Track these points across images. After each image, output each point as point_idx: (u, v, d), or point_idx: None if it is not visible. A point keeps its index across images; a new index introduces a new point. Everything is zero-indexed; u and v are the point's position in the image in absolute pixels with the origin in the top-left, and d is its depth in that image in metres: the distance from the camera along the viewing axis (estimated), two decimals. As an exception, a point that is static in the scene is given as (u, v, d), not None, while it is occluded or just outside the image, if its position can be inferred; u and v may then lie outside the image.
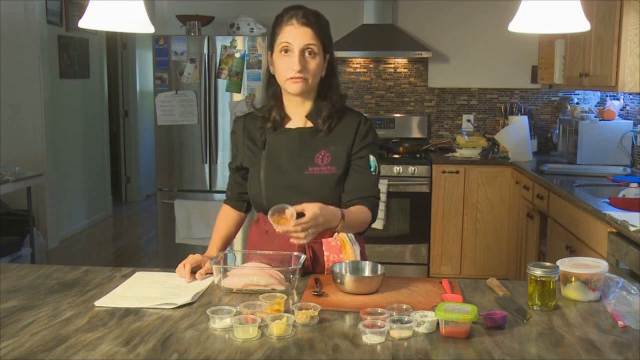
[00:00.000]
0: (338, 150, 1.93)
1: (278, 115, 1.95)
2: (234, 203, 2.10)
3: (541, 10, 1.62)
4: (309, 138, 1.94)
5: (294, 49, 1.85)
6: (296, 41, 1.84)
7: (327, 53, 1.92)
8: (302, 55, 1.85)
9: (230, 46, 4.54)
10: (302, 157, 1.92)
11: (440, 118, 5.26)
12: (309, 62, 1.86)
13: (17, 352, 1.34)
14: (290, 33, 1.85)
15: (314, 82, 1.90)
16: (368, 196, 1.93)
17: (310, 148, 1.93)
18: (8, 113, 5.48)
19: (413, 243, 4.65)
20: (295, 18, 1.86)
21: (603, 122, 4.11)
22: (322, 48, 1.88)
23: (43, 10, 5.52)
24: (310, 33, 1.85)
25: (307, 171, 1.91)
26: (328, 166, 1.92)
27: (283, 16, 1.89)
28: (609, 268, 1.71)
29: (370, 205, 1.93)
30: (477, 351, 1.35)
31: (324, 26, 1.90)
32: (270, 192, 1.93)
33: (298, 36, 1.85)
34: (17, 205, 5.11)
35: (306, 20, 1.85)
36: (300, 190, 1.89)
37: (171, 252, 4.69)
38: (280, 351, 1.35)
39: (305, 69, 1.85)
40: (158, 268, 1.99)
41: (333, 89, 1.95)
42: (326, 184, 1.91)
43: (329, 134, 1.93)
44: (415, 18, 5.15)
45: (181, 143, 4.69)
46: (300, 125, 1.96)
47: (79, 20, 1.77)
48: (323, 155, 1.92)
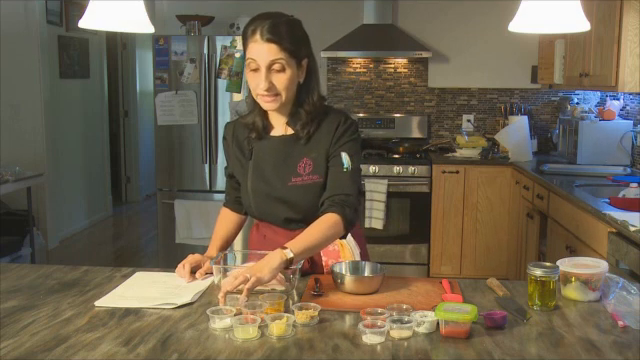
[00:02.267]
0: (319, 156, 1.88)
1: (261, 123, 1.92)
2: (232, 206, 2.09)
3: (541, 10, 1.62)
4: (291, 146, 1.89)
5: (260, 67, 1.77)
6: (261, 58, 1.76)
7: (303, 60, 1.83)
8: (269, 71, 1.77)
9: (230, 46, 4.54)
10: (285, 167, 1.89)
11: (440, 118, 5.26)
12: (277, 78, 1.78)
13: (17, 352, 1.34)
14: (254, 50, 1.77)
15: (288, 95, 1.83)
16: (336, 194, 1.83)
17: (292, 156, 1.89)
18: (8, 113, 5.48)
19: (413, 243, 4.65)
20: (259, 33, 1.76)
21: (603, 122, 4.11)
22: (293, 59, 1.79)
23: (43, 10, 5.52)
24: (275, 49, 1.76)
25: (290, 182, 1.88)
26: (310, 175, 1.87)
27: (247, 31, 1.80)
28: (609, 268, 1.71)
29: (338, 207, 1.80)
30: (477, 351, 1.35)
31: (292, 35, 1.79)
32: (258, 202, 1.93)
33: (262, 53, 1.76)
34: (17, 205, 5.10)
35: (270, 35, 1.75)
36: (285, 201, 1.89)
37: (171, 252, 4.69)
38: (280, 351, 1.35)
39: (273, 87, 1.78)
40: (158, 268, 1.99)
41: (311, 93, 1.87)
42: (310, 194, 1.87)
43: (309, 141, 1.88)
44: (415, 18, 5.15)
45: (181, 143, 4.69)
46: (282, 133, 1.92)
47: (79, 20, 1.77)
48: (305, 164, 1.88)
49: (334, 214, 1.80)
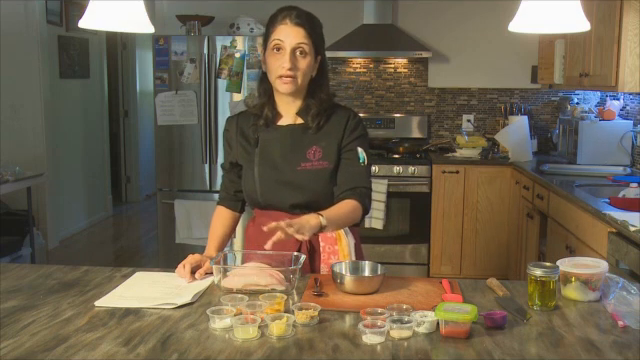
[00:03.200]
0: (329, 145, 1.97)
1: (270, 112, 1.99)
2: (229, 203, 2.11)
3: (541, 10, 1.62)
4: (300, 134, 1.98)
5: (286, 47, 1.89)
6: (288, 40, 1.88)
7: (318, 55, 1.96)
8: (293, 54, 1.89)
9: (230, 46, 4.54)
10: (294, 153, 1.96)
11: (440, 118, 5.26)
12: (299, 61, 1.90)
13: (17, 352, 1.34)
14: (283, 32, 1.89)
15: (304, 81, 1.93)
16: (356, 187, 1.95)
17: (301, 144, 1.97)
18: (8, 113, 5.48)
19: (413, 243, 4.65)
20: (289, 18, 1.90)
21: (603, 122, 4.11)
22: (313, 49, 1.92)
23: (43, 10, 5.52)
24: (302, 33, 1.89)
25: (299, 167, 1.95)
26: (320, 161, 1.95)
27: (277, 16, 1.93)
28: (609, 268, 1.71)
29: (359, 196, 1.93)
30: (477, 351, 1.35)
31: (317, 27, 1.95)
32: (264, 188, 1.97)
33: (290, 35, 1.89)
34: (17, 205, 5.10)
35: (299, 20, 1.90)
36: (293, 186, 1.94)
37: (171, 252, 4.69)
38: (280, 351, 1.35)
39: (295, 67, 1.89)
40: (158, 268, 1.99)
41: (322, 89, 1.99)
42: (319, 179, 1.95)
43: (319, 131, 1.97)
44: (415, 18, 5.15)
45: (181, 143, 4.69)
46: (291, 122, 2.00)
47: (79, 20, 1.77)
48: (314, 150, 1.96)
49: (355, 201, 1.92)
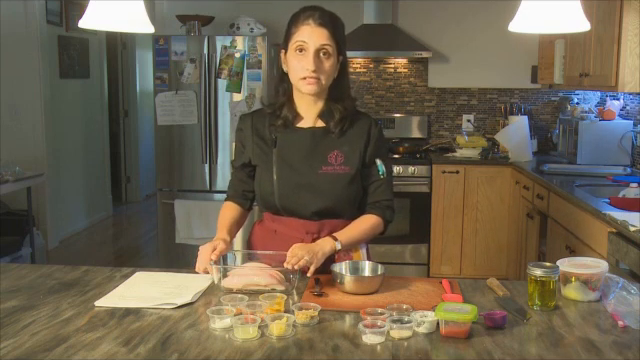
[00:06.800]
0: (351, 151, 1.94)
1: (290, 113, 1.95)
2: (238, 200, 2.04)
3: (541, 10, 1.62)
4: (321, 138, 1.94)
5: (309, 49, 1.85)
6: (312, 41, 1.85)
7: (340, 55, 1.92)
8: (317, 55, 1.85)
9: (230, 46, 4.54)
10: (315, 156, 1.92)
11: (440, 118, 5.26)
12: (323, 62, 1.87)
13: (17, 352, 1.34)
14: (306, 32, 1.86)
15: (327, 83, 1.90)
16: (377, 201, 1.98)
17: (323, 148, 1.93)
18: (8, 113, 5.48)
19: (413, 243, 4.65)
20: (312, 18, 1.86)
21: (603, 122, 4.11)
22: (336, 49, 1.89)
23: (43, 10, 5.52)
24: (326, 34, 1.86)
25: (321, 170, 1.91)
26: (342, 166, 1.93)
27: (300, 15, 1.89)
28: (609, 268, 1.71)
29: (380, 210, 1.97)
30: (477, 351, 1.35)
31: (339, 28, 1.92)
32: (283, 190, 1.92)
33: (314, 36, 1.85)
34: (17, 205, 5.10)
35: (323, 21, 1.86)
36: (313, 189, 1.91)
37: (171, 252, 4.69)
38: (280, 351, 1.35)
39: (319, 69, 1.85)
40: (158, 268, 1.99)
41: (344, 91, 1.96)
42: (339, 183, 1.92)
43: (341, 136, 1.94)
44: (415, 18, 5.15)
45: (181, 143, 4.68)
46: (312, 125, 1.96)
47: (79, 20, 1.77)
48: (336, 155, 1.93)
49: (376, 216, 1.97)
